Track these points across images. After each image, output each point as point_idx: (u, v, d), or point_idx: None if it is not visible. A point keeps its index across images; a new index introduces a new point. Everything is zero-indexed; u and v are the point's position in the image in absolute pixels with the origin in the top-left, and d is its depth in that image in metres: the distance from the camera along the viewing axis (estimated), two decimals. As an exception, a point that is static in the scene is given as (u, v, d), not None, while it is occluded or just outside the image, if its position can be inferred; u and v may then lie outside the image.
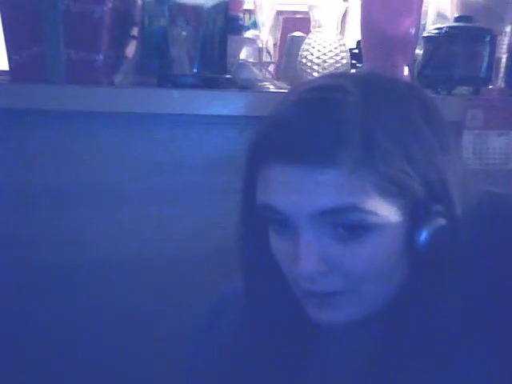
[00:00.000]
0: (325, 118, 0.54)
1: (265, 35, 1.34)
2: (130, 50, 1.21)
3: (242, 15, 1.47)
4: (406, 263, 0.57)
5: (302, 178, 0.53)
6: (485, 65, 1.15)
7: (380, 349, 0.60)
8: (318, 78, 0.75)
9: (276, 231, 0.58)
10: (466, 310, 0.57)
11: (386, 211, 0.54)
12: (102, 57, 1.07)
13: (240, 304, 0.68)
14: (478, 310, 0.57)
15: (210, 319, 0.75)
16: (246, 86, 1.16)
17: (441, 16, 1.35)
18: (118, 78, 1.15)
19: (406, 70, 1.16)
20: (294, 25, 1.50)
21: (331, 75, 0.74)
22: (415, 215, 0.55)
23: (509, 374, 0.57)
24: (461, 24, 1.16)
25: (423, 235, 0.55)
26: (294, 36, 1.36)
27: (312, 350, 0.65)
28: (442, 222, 0.56)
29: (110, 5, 1.06)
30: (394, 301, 0.58)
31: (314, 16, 1.23)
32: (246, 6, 1.53)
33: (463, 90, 1.18)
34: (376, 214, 0.53)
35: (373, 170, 0.53)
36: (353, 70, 1.27)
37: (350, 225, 0.54)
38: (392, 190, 0.54)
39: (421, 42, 1.19)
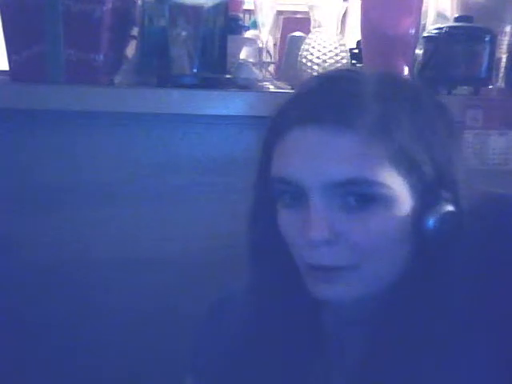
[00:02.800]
0: (345, 89, 0.57)
1: (265, 35, 1.34)
2: (130, 50, 1.21)
3: (242, 15, 1.47)
4: (410, 246, 0.58)
5: (319, 142, 0.55)
6: (485, 65, 1.15)
7: (382, 330, 0.60)
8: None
9: (286, 205, 0.59)
10: (466, 297, 0.57)
11: (397, 185, 0.55)
12: (102, 57, 1.07)
13: (241, 297, 0.68)
14: (478, 299, 0.57)
15: (211, 316, 0.75)
16: (246, 86, 1.16)
17: (441, 16, 1.35)
18: (117, 78, 1.15)
19: (406, 70, 1.16)
20: (294, 25, 1.50)
21: (346, 68, 0.78)
22: (424, 197, 0.57)
23: (506, 361, 0.57)
24: (461, 24, 1.16)
25: (430, 218, 0.56)
26: (293, 36, 1.36)
27: (316, 329, 0.65)
28: (449, 208, 0.57)
29: (109, 5, 1.07)
30: (397, 283, 0.59)
31: (314, 16, 1.23)
32: (246, 6, 1.53)
33: (463, 90, 1.18)
34: (387, 187, 0.55)
35: (388, 139, 0.54)
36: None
37: (360, 195, 0.55)
38: (405, 164, 0.55)
39: (421, 42, 1.19)
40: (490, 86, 1.23)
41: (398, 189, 0.55)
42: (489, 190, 0.65)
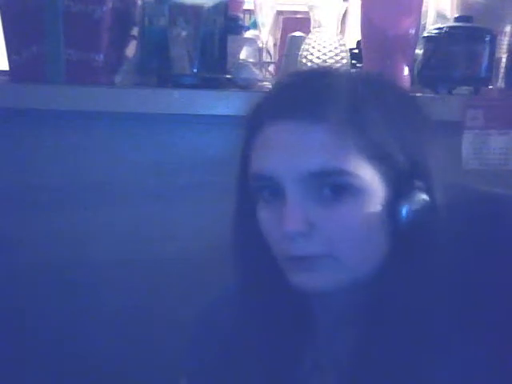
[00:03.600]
0: (320, 82, 0.59)
1: (265, 35, 1.34)
2: (130, 50, 1.21)
3: (242, 15, 1.47)
4: (386, 234, 0.59)
5: (292, 134, 0.57)
6: (485, 65, 1.15)
7: (366, 319, 0.61)
8: None
9: (265, 201, 0.60)
10: (445, 284, 0.58)
11: (370, 176, 0.57)
12: (102, 57, 1.07)
13: (231, 299, 0.69)
14: (459, 287, 0.58)
15: (203, 318, 0.76)
16: (246, 86, 1.16)
17: (441, 16, 1.35)
18: (118, 78, 1.15)
19: (406, 70, 1.16)
20: (294, 25, 1.50)
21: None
22: (397, 186, 0.58)
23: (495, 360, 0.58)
24: (461, 24, 1.16)
25: (403, 206, 0.57)
26: (293, 36, 1.36)
27: (304, 322, 0.66)
28: (423, 196, 0.58)
29: (110, 5, 1.07)
30: (378, 271, 0.60)
31: (314, 16, 1.23)
32: (246, 6, 1.53)
33: (463, 90, 1.18)
34: (360, 178, 0.56)
35: (360, 131, 0.56)
36: (353, 70, 1.27)
37: (335, 186, 0.56)
38: (377, 155, 0.56)
39: (421, 41, 1.18)
40: (490, 86, 1.23)
41: (371, 179, 0.57)
42: (489, 189, 0.65)
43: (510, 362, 0.58)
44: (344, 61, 1.21)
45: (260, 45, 1.34)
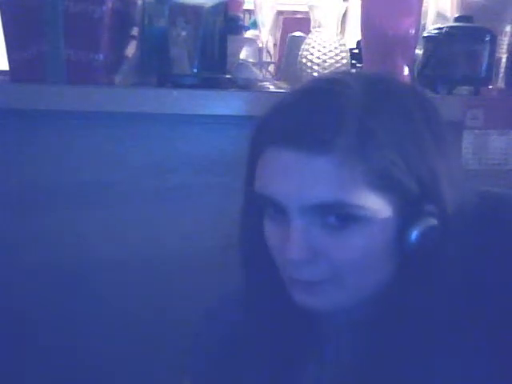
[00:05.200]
0: (323, 105, 0.56)
1: (265, 35, 1.34)
2: (130, 50, 1.21)
3: (242, 15, 1.47)
4: (394, 258, 0.58)
5: (295, 164, 0.55)
6: (485, 65, 1.15)
7: (373, 335, 0.60)
8: (323, 73, 0.77)
9: (270, 216, 0.60)
10: (453, 306, 0.57)
11: (376, 205, 0.55)
12: (102, 57, 1.07)
13: (236, 301, 0.69)
14: (466, 308, 0.58)
15: (208, 320, 0.75)
16: (246, 85, 1.16)
17: (441, 16, 1.35)
18: (118, 78, 1.15)
19: (406, 70, 1.16)
20: (294, 25, 1.50)
21: (335, 72, 0.75)
22: (406, 212, 0.56)
23: (497, 372, 0.57)
24: (461, 24, 1.16)
25: (413, 233, 0.56)
26: (293, 36, 1.36)
27: (308, 333, 0.66)
28: (432, 221, 0.56)
29: (109, 5, 1.06)
30: (385, 289, 0.59)
31: (314, 16, 1.23)
32: (246, 6, 1.53)
33: (463, 90, 1.18)
34: (364, 208, 0.54)
35: (365, 160, 0.53)
36: (353, 70, 1.27)
37: (339, 215, 0.55)
38: (383, 183, 0.54)
39: (421, 41, 1.19)
40: (490, 86, 1.23)
41: (378, 208, 0.55)
42: (488, 189, 0.65)
43: None
44: (344, 61, 1.21)
45: (260, 45, 1.34)
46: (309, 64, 1.21)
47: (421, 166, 0.55)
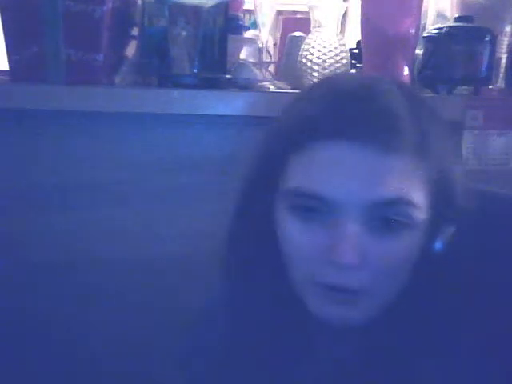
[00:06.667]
0: (380, 103, 0.54)
1: (265, 35, 1.34)
2: (130, 50, 1.21)
3: (242, 15, 1.47)
4: (415, 264, 0.57)
5: (360, 162, 0.52)
6: (485, 65, 1.15)
7: (377, 342, 0.60)
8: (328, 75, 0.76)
9: (301, 219, 0.56)
10: (463, 310, 0.57)
11: (427, 207, 0.54)
12: (102, 57, 1.07)
13: (234, 301, 0.68)
14: (476, 310, 0.57)
15: (203, 320, 0.75)
16: (246, 86, 1.16)
17: (441, 16, 1.35)
18: (118, 78, 1.15)
19: (406, 70, 1.16)
20: (294, 25, 1.50)
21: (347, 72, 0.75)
22: (436, 218, 0.56)
23: (497, 373, 0.57)
24: (461, 24, 1.16)
25: (438, 241, 0.56)
26: (293, 36, 1.36)
27: (306, 337, 0.65)
28: (452, 228, 0.56)
29: (109, 5, 1.06)
30: (397, 298, 0.58)
31: (314, 16, 1.23)
32: (246, 6, 1.53)
33: (463, 90, 1.18)
34: (420, 209, 0.54)
35: (426, 162, 0.53)
36: (353, 70, 1.27)
37: (388, 219, 0.53)
38: (437, 185, 0.54)
39: (421, 41, 1.19)
40: (490, 86, 1.23)
41: (426, 212, 0.54)
42: (489, 189, 0.65)
43: None
44: (344, 61, 1.21)
45: (260, 45, 1.35)
46: (309, 64, 1.21)
47: (449, 169, 0.56)
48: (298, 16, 1.64)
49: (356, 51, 1.30)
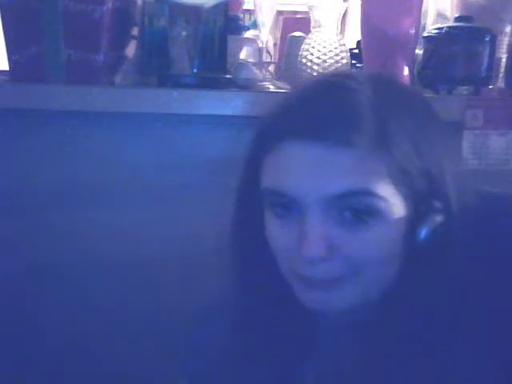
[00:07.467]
0: (341, 99, 0.57)
1: (265, 35, 1.34)
2: (130, 50, 1.21)
3: (242, 15, 1.47)
4: (403, 254, 0.58)
5: (317, 158, 0.54)
6: (485, 65, 1.15)
7: (375, 335, 0.60)
8: (324, 73, 0.77)
9: (277, 215, 0.59)
10: (457, 301, 0.58)
11: (394, 198, 0.55)
12: (102, 57, 1.07)
13: (233, 301, 0.68)
14: (470, 303, 0.58)
15: (203, 321, 0.75)
16: (246, 85, 1.16)
17: (441, 16, 1.35)
18: (118, 78, 1.15)
19: (406, 70, 1.16)
20: (294, 25, 1.50)
21: (337, 71, 0.77)
22: (416, 208, 0.57)
23: (496, 372, 0.58)
24: (461, 24, 1.16)
25: (422, 230, 0.57)
26: (293, 36, 1.36)
27: (306, 334, 0.65)
28: (440, 219, 0.57)
29: (109, 5, 1.07)
30: (390, 289, 0.59)
31: (314, 16, 1.23)
32: (246, 6, 1.53)
33: (463, 90, 1.18)
34: (385, 200, 0.55)
35: (387, 153, 0.54)
36: (353, 70, 1.27)
37: (357, 210, 0.55)
38: (401, 177, 0.55)
39: (421, 41, 1.19)
40: (490, 86, 1.23)
41: (394, 201, 0.55)
42: (488, 189, 0.65)
43: None
44: (344, 61, 1.21)
45: (260, 45, 1.34)
46: (309, 64, 1.21)
47: (431, 162, 0.57)
48: (298, 16, 1.64)
49: (356, 51, 1.30)
